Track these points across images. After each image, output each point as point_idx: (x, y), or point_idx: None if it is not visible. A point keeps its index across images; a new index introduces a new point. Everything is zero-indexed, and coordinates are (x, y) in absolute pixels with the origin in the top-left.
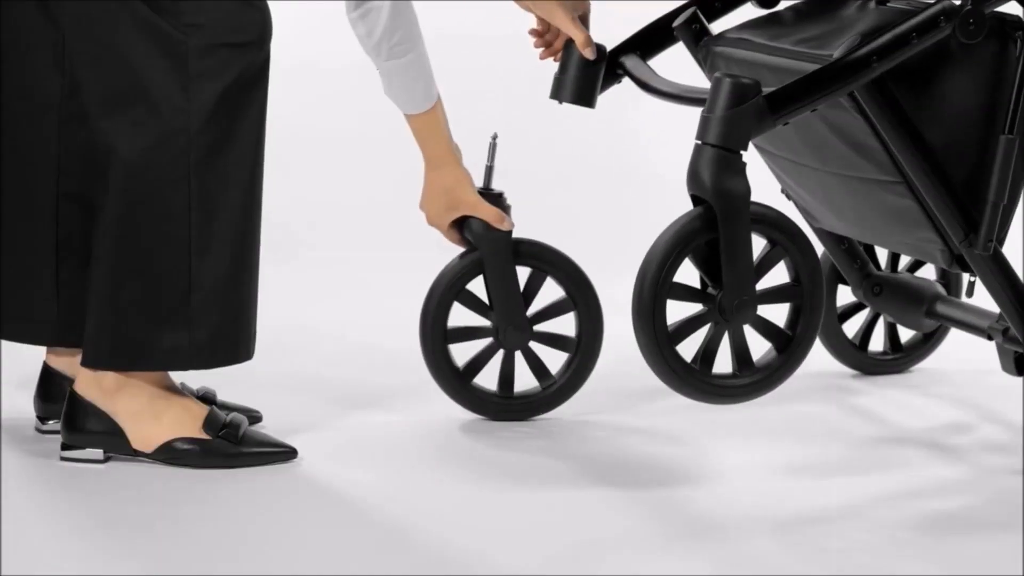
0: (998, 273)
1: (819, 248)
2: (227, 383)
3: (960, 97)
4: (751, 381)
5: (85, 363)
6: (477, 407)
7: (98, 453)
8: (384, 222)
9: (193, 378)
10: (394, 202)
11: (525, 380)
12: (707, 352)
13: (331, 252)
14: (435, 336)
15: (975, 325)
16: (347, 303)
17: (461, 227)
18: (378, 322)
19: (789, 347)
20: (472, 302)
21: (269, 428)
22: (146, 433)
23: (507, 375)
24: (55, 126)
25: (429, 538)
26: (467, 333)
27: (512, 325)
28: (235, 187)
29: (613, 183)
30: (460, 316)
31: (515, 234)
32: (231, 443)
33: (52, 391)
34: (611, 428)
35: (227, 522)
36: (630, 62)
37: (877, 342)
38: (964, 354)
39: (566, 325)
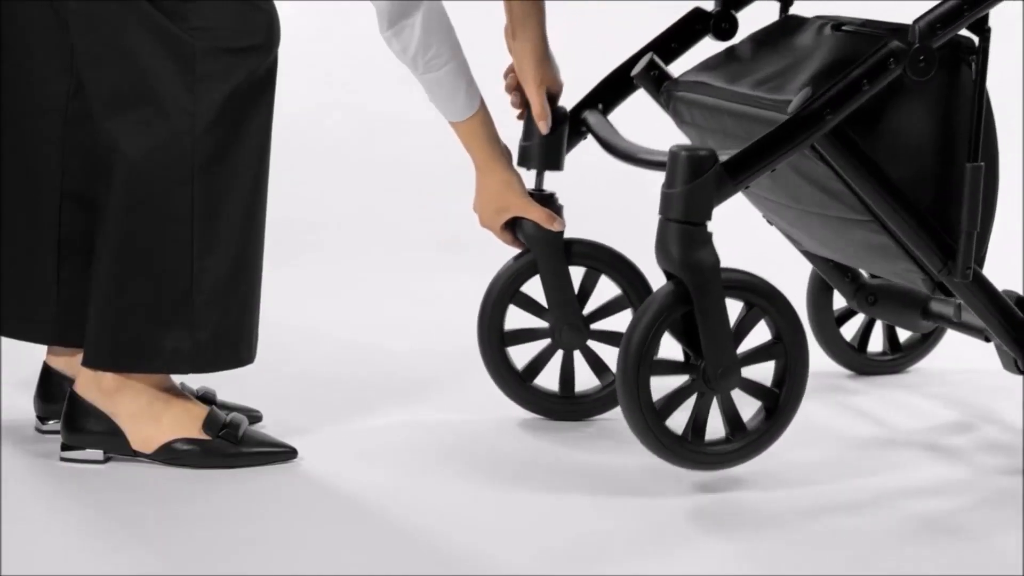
0: (981, 295)
1: (806, 265)
2: (227, 383)
3: (918, 129)
4: (744, 444)
5: (86, 363)
6: (538, 408)
7: (98, 454)
8: (385, 222)
9: (193, 378)
10: (395, 202)
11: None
12: (697, 423)
13: (331, 252)
14: (492, 339)
15: (972, 326)
16: (347, 303)
17: (514, 229)
18: (378, 322)
19: (778, 404)
20: (528, 304)
21: (269, 428)
22: (146, 434)
23: (567, 375)
24: (59, 126)
25: (429, 538)
26: (524, 335)
27: (568, 325)
28: (239, 190)
29: (613, 187)
30: (517, 318)
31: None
32: (231, 443)
33: (52, 391)
34: (610, 429)
35: (227, 522)
36: (593, 118)
37: (873, 343)
38: (962, 354)
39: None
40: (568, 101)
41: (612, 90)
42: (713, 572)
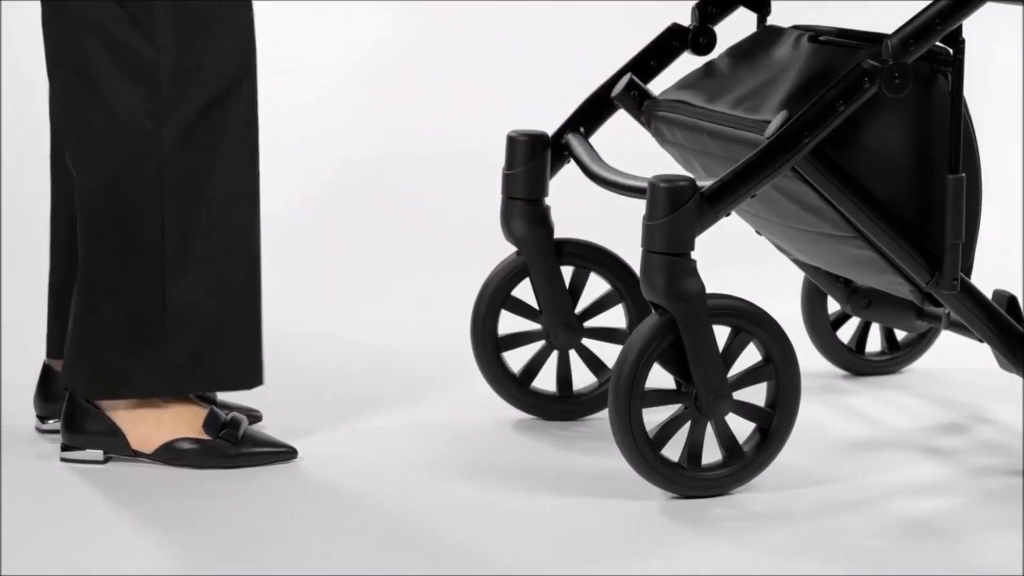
0: (970, 304)
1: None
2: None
3: (896, 143)
4: (741, 467)
5: (65, 386)
6: (538, 410)
7: (98, 454)
8: (386, 221)
9: None
10: (395, 201)
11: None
12: (692, 450)
13: (329, 251)
14: (487, 345)
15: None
16: (344, 303)
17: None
18: (375, 323)
19: (771, 425)
20: (520, 308)
21: (269, 428)
22: (145, 434)
23: (564, 376)
24: None
25: (426, 539)
26: (518, 339)
27: (563, 325)
28: (219, 208)
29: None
30: (510, 322)
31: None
32: (231, 443)
33: (52, 391)
34: (605, 429)
35: (227, 522)
36: (575, 141)
37: (871, 344)
38: (957, 354)
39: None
40: (549, 125)
41: (593, 112)
42: (709, 572)
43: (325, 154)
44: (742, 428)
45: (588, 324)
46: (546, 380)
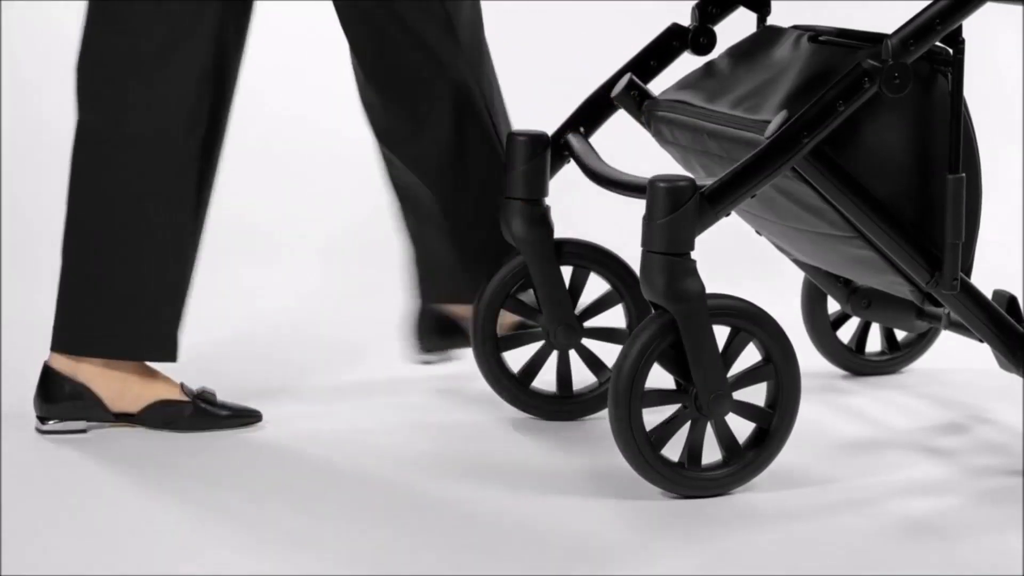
0: (970, 304)
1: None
2: (227, 386)
3: (896, 143)
4: (741, 467)
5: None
6: (537, 410)
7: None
8: (386, 221)
9: (193, 378)
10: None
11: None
12: (693, 450)
13: (324, 250)
14: (486, 345)
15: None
16: (346, 303)
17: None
18: (377, 321)
19: (771, 425)
20: (520, 307)
21: (268, 428)
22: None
23: (564, 376)
24: None
25: (427, 539)
26: (518, 339)
27: (562, 325)
28: None
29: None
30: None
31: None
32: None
33: (52, 391)
34: (604, 429)
35: (227, 522)
36: (574, 141)
37: (870, 344)
38: (957, 354)
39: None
40: (549, 124)
41: (593, 112)
42: (708, 572)
43: (325, 154)
44: (742, 428)
45: (588, 324)
46: (546, 380)
